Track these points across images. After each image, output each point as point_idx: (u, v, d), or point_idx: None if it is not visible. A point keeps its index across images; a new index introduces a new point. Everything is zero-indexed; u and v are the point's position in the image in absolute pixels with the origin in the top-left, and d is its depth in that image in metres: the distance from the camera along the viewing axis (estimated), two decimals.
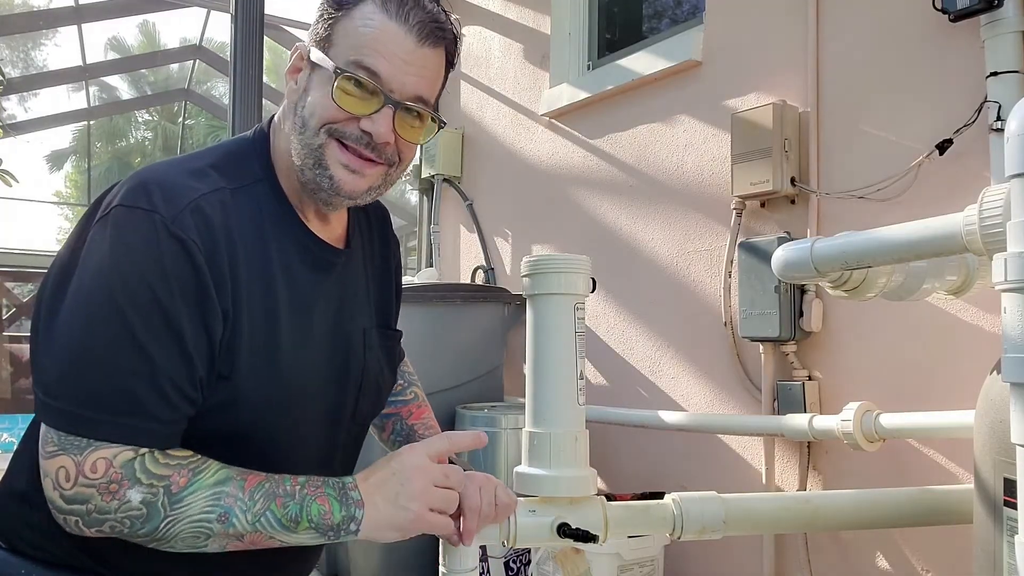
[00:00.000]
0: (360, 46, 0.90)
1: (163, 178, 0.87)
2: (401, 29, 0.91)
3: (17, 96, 12.57)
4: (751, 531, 1.94)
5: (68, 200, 20.12)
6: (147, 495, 0.80)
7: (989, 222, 1.09)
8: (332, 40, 0.92)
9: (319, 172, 0.92)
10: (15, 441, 7.04)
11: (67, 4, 5.84)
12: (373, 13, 0.91)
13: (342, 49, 0.91)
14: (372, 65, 0.90)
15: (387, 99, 0.91)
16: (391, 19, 0.90)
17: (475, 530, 1.01)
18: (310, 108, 0.92)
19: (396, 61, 0.91)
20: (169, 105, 17.10)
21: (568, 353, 1.18)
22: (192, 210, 0.85)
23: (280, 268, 0.93)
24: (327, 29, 0.93)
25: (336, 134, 0.92)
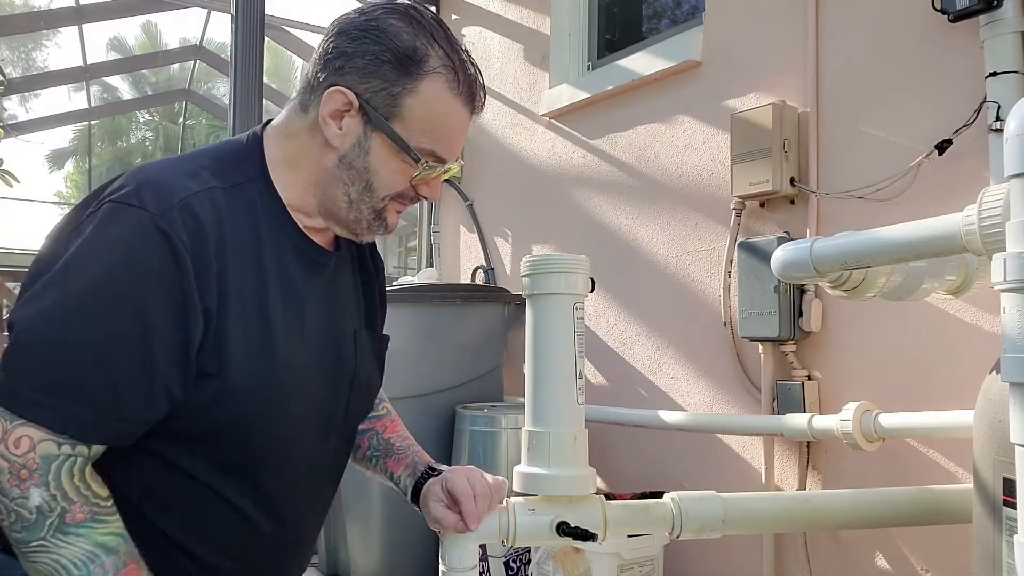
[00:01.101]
0: (435, 135, 0.93)
1: (156, 176, 0.87)
2: (465, 109, 0.95)
3: (18, 96, 12.57)
4: (750, 530, 1.94)
5: (69, 200, 20.12)
6: (45, 504, 0.79)
7: (988, 222, 1.09)
8: (402, 114, 0.92)
9: (376, 225, 0.98)
10: None
11: (68, 4, 5.84)
12: (445, 94, 0.92)
13: (415, 130, 0.92)
14: (443, 153, 0.95)
15: (444, 170, 0.98)
16: (459, 100, 0.94)
17: (475, 511, 1.04)
18: (380, 179, 0.94)
19: (459, 142, 0.97)
20: (170, 105, 17.10)
21: (568, 353, 1.18)
22: (181, 208, 0.84)
23: (273, 264, 0.93)
24: (393, 98, 0.91)
25: (397, 197, 0.97)
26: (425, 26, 0.92)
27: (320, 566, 2.92)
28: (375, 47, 0.90)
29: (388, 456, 1.18)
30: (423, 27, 0.92)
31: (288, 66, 15.81)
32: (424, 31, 0.91)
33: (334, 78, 0.91)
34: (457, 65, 0.93)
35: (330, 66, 0.92)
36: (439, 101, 0.92)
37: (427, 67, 0.91)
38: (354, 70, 0.90)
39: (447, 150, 0.95)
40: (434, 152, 0.94)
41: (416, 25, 0.91)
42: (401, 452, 1.18)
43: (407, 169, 0.94)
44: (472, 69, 0.95)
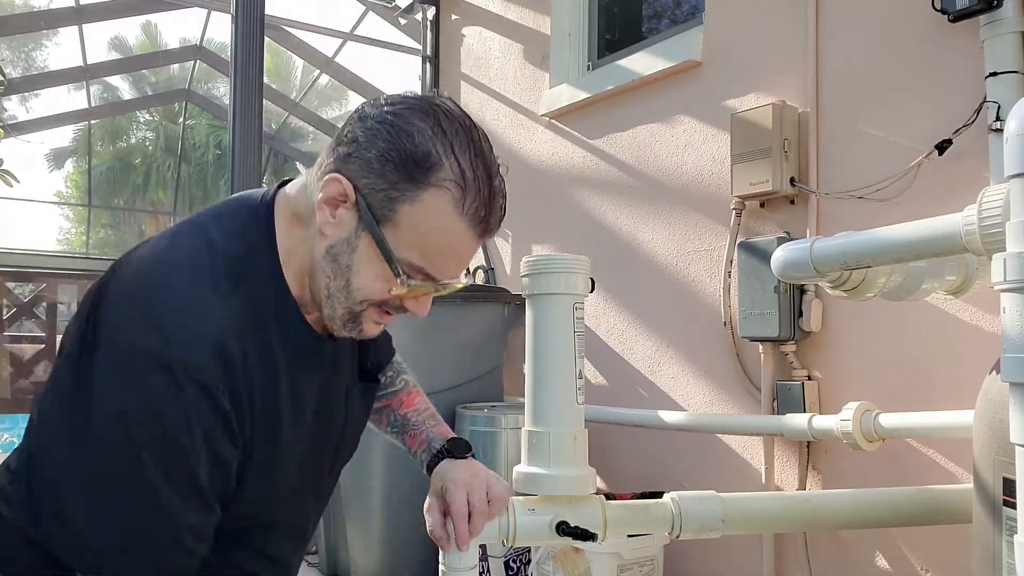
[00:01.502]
0: (425, 251, 0.84)
1: (174, 304, 0.81)
2: (471, 232, 0.85)
3: (18, 96, 12.57)
4: (750, 530, 1.94)
5: (68, 200, 20.12)
6: None
7: (988, 222, 1.09)
8: (395, 220, 0.83)
9: (348, 326, 0.90)
10: (15, 441, 7.02)
11: (68, 4, 5.84)
12: (447, 211, 0.83)
13: (406, 241, 0.83)
14: (435, 273, 0.86)
15: (436, 288, 0.89)
16: (464, 221, 0.84)
17: (466, 533, 1.01)
18: (360, 281, 0.86)
19: (458, 264, 0.88)
20: (170, 105, 17.10)
21: (567, 353, 1.18)
22: (214, 353, 0.80)
23: (284, 376, 0.90)
24: (390, 201, 0.82)
25: (379, 304, 0.89)
26: (448, 131, 0.84)
27: (320, 566, 2.92)
28: (385, 144, 0.82)
29: (405, 432, 1.17)
30: (446, 132, 0.83)
31: (288, 66, 15.81)
32: (445, 137, 0.83)
33: (339, 164, 0.85)
34: (470, 182, 0.83)
35: (340, 150, 0.86)
36: (438, 217, 0.83)
37: (433, 178, 0.82)
38: (359, 161, 0.84)
39: (439, 270, 0.86)
40: (422, 269, 0.85)
41: (439, 128, 0.83)
42: (416, 428, 1.16)
43: (390, 278, 0.85)
44: (489, 190, 0.85)
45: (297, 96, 11.21)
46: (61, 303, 3.71)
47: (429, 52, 4.14)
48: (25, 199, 15.39)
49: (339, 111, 17.70)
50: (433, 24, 4.14)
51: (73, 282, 3.68)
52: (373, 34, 4.94)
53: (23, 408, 3.81)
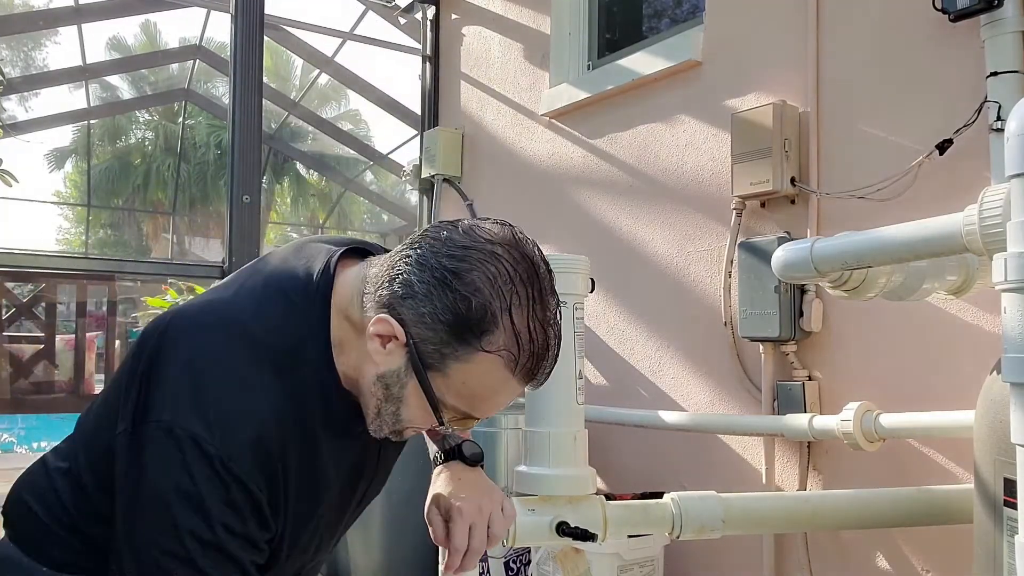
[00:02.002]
0: (473, 403, 0.87)
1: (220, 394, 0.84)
2: (519, 386, 0.86)
3: (17, 96, 12.57)
4: (750, 531, 1.94)
5: (68, 200, 20.12)
6: None
7: (989, 222, 1.09)
8: (445, 372, 0.84)
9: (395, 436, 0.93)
10: (15, 441, 7.01)
11: (67, 4, 5.84)
12: (498, 372, 0.83)
13: (452, 391, 0.85)
14: (479, 414, 0.89)
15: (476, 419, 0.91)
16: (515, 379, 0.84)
17: (456, 567, 1.01)
18: (408, 414, 0.88)
19: (500, 407, 0.90)
20: (169, 105, 17.10)
21: (567, 353, 1.18)
22: (252, 446, 0.83)
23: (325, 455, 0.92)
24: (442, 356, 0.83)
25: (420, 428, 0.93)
26: (506, 288, 0.81)
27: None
28: (440, 303, 0.81)
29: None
30: (503, 290, 0.81)
31: (288, 66, 15.81)
32: (503, 297, 0.81)
33: (393, 302, 0.84)
34: (524, 344, 0.82)
35: (395, 285, 0.84)
36: (489, 377, 0.84)
37: (487, 343, 0.81)
38: (413, 312, 0.83)
39: (483, 412, 0.89)
40: (468, 414, 0.88)
41: (497, 286, 0.81)
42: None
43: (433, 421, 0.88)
44: (543, 348, 0.84)
45: (297, 96, 11.22)
46: (60, 303, 3.72)
47: (429, 52, 4.14)
48: (24, 199, 15.39)
49: (339, 110, 17.71)
50: (433, 24, 4.14)
51: (72, 282, 3.68)
52: (373, 34, 4.93)
53: (23, 408, 3.81)
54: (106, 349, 3.79)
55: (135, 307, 9.76)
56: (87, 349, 3.67)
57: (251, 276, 0.96)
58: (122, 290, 5.88)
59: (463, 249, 0.83)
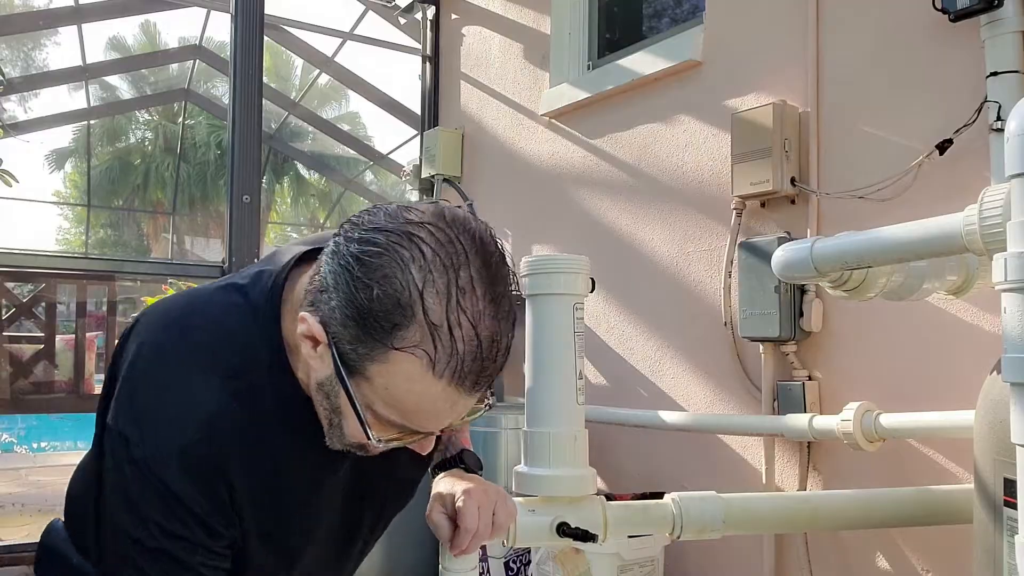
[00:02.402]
0: (403, 412, 0.74)
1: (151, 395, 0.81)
2: (453, 392, 0.72)
3: (17, 96, 12.57)
4: (750, 531, 1.94)
5: (68, 200, 20.12)
6: None
7: (989, 222, 1.09)
8: (367, 376, 0.73)
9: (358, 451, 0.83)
10: (15, 441, 6.99)
11: (67, 4, 5.83)
12: (419, 375, 0.71)
13: (379, 398, 0.74)
14: (417, 427, 0.77)
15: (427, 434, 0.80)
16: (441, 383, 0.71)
17: (465, 547, 1.00)
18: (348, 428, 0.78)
19: (443, 419, 0.76)
20: (169, 105, 17.11)
21: (567, 353, 1.18)
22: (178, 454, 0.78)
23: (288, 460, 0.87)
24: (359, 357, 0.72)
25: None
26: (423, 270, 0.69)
27: None
28: (344, 295, 0.71)
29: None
30: (420, 272, 0.69)
31: (288, 66, 15.81)
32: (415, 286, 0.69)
33: (315, 298, 0.76)
34: (444, 341, 0.69)
35: (315, 279, 0.77)
36: (409, 380, 0.71)
37: (396, 340, 0.69)
38: (326, 307, 0.74)
39: (420, 423, 0.76)
40: (404, 427, 0.76)
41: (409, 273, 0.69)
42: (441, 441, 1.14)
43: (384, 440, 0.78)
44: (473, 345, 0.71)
45: (297, 96, 11.22)
46: (60, 303, 3.72)
47: (429, 52, 4.14)
48: (24, 199, 15.40)
49: (339, 111, 17.71)
50: (433, 24, 4.14)
51: (72, 282, 3.67)
52: (373, 34, 4.93)
53: (23, 408, 3.81)
54: (106, 349, 3.78)
55: (135, 307, 9.76)
56: (87, 349, 3.67)
57: (227, 278, 0.92)
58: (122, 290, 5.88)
59: (375, 232, 0.72)
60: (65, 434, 7.73)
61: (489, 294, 0.73)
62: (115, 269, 4.67)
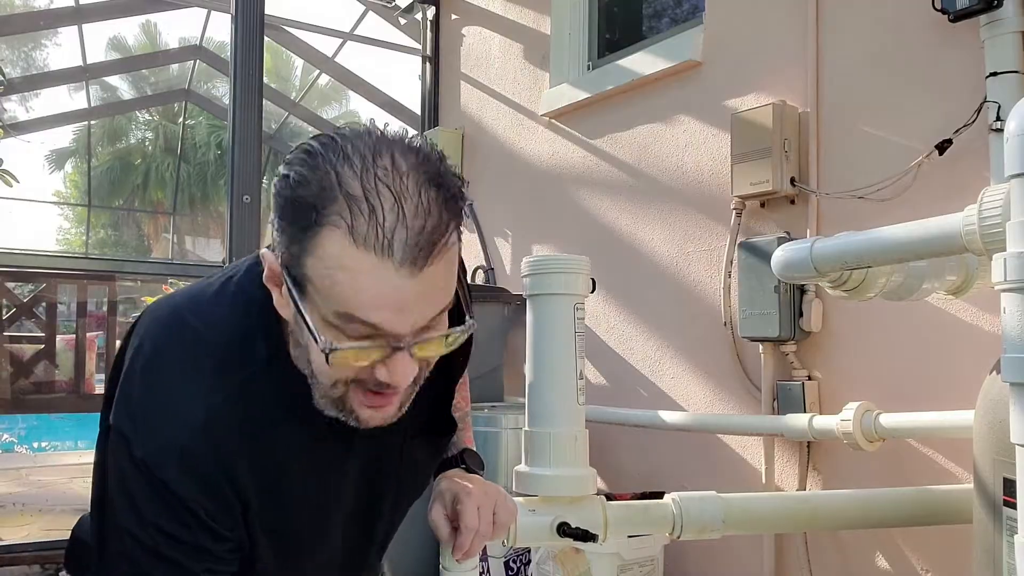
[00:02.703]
0: (343, 300, 0.69)
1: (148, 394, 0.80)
2: (382, 264, 0.68)
3: (18, 96, 12.57)
4: (750, 531, 1.94)
5: (68, 200, 20.12)
6: None
7: (989, 222, 1.09)
8: (309, 278, 0.70)
9: (344, 414, 0.79)
10: (15, 441, 6.98)
11: (67, 4, 5.83)
12: (345, 250, 0.67)
13: (323, 297, 0.70)
14: (365, 319, 0.70)
15: (394, 346, 0.72)
16: (366, 252, 0.67)
17: (467, 548, 0.99)
18: (318, 364, 0.75)
19: (392, 306, 0.70)
20: (169, 105, 17.10)
21: (568, 353, 1.18)
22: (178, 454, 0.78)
23: (294, 455, 0.86)
24: (297, 260, 0.70)
25: (357, 383, 0.77)
26: (338, 155, 0.69)
27: None
28: (279, 200, 0.72)
29: None
30: (336, 157, 0.69)
31: (288, 66, 15.80)
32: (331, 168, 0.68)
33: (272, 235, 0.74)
34: (360, 206, 0.67)
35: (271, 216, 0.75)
36: (335, 258, 0.68)
37: (319, 217, 0.68)
38: (274, 231, 0.73)
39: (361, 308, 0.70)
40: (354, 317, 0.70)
41: (327, 158, 0.69)
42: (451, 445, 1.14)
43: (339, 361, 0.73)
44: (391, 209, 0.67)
45: (297, 96, 11.22)
46: (60, 303, 3.72)
47: (429, 52, 4.14)
48: (25, 199, 15.40)
49: (339, 111, 17.70)
50: (433, 24, 4.14)
51: (73, 282, 3.68)
52: (373, 34, 4.93)
53: (23, 408, 3.81)
54: (106, 349, 3.79)
55: (135, 307, 9.77)
56: (87, 349, 3.67)
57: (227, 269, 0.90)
58: (122, 290, 5.89)
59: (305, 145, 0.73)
60: (65, 434, 7.73)
61: (416, 171, 0.70)
62: (115, 269, 4.67)
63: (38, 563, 2.97)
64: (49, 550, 2.99)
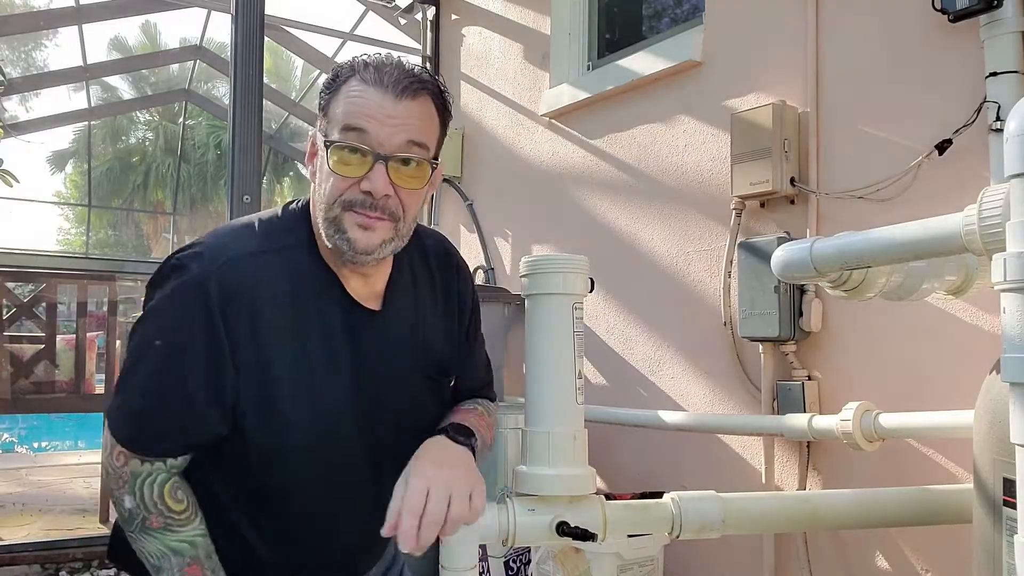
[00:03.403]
0: (346, 114, 1.01)
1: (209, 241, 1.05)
2: (379, 90, 1.00)
3: (18, 96, 12.57)
4: (750, 531, 1.94)
5: (68, 200, 20.12)
6: (133, 508, 1.02)
7: (988, 222, 1.09)
8: (327, 117, 1.04)
9: (339, 237, 1.02)
10: (16, 441, 6.98)
11: (68, 4, 5.84)
12: (356, 85, 1.02)
13: (334, 122, 1.02)
14: (357, 125, 1.00)
15: (377, 156, 1.00)
16: (369, 84, 1.01)
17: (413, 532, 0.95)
18: (323, 185, 1.03)
19: (379, 117, 1.00)
20: (169, 105, 17.10)
21: (567, 352, 1.18)
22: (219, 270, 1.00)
23: (316, 323, 1.05)
24: (323, 110, 1.05)
25: (347, 205, 1.02)
26: (357, 59, 1.05)
27: None
28: (322, 91, 1.06)
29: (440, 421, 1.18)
30: (354, 60, 1.05)
31: (288, 66, 15.79)
32: (355, 60, 1.05)
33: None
34: (369, 62, 1.03)
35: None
36: (348, 93, 1.02)
37: (343, 79, 1.03)
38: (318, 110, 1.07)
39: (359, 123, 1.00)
40: (347, 125, 1.00)
41: (350, 62, 1.05)
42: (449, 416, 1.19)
43: (336, 163, 1.00)
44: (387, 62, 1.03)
45: (297, 96, 11.21)
46: (61, 303, 3.72)
47: (429, 52, 4.14)
48: (25, 199, 15.40)
49: None
50: (433, 24, 4.14)
51: (73, 282, 3.68)
52: (373, 34, 4.94)
53: (23, 408, 3.81)
54: (106, 349, 3.78)
55: (135, 307, 9.76)
56: (88, 349, 3.66)
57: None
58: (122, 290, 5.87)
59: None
60: (66, 434, 7.73)
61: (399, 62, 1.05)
62: (116, 269, 4.67)
63: (38, 563, 2.97)
64: (49, 550, 2.99)
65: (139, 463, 1.01)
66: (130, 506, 1.02)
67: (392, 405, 1.12)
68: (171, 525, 1.02)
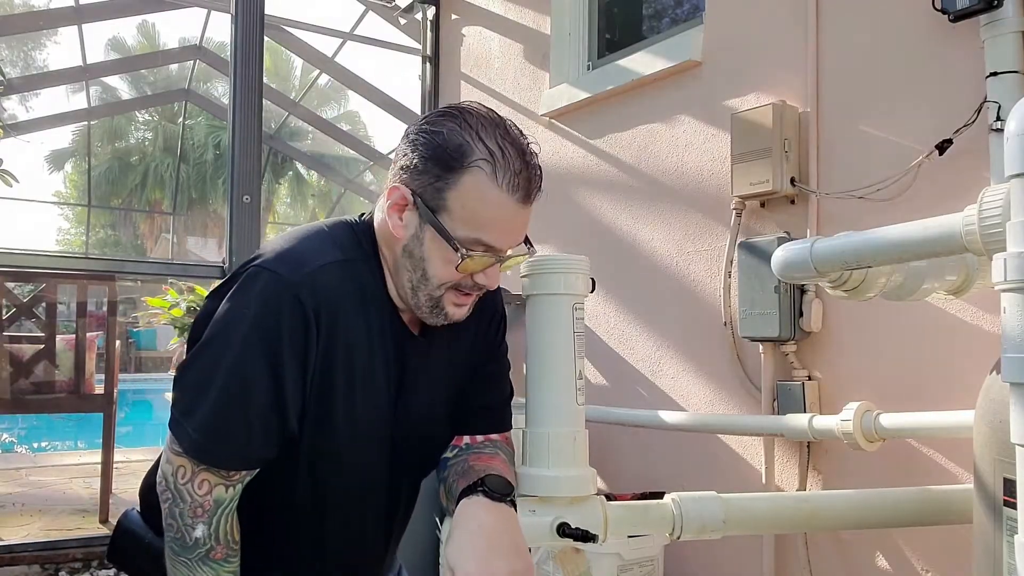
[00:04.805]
0: (478, 224, 0.99)
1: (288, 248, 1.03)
2: (511, 200, 0.99)
3: (18, 96, 12.57)
4: (750, 531, 1.94)
5: (68, 200, 20.12)
6: (202, 538, 0.98)
7: (989, 222, 1.09)
8: (447, 207, 0.99)
9: (435, 312, 1.05)
10: (15, 441, 6.95)
11: (67, 4, 5.84)
12: (485, 186, 0.98)
13: (459, 220, 0.99)
14: (491, 242, 1.00)
15: (498, 258, 1.03)
16: (502, 191, 0.98)
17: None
18: (433, 269, 1.02)
19: (511, 228, 1.02)
20: (169, 105, 17.11)
21: (567, 353, 1.18)
22: (311, 276, 0.99)
23: (371, 334, 1.05)
24: (438, 192, 0.99)
25: (454, 287, 1.04)
26: (474, 124, 1.00)
27: None
28: (423, 148, 1.00)
29: (461, 476, 1.10)
30: (472, 125, 0.99)
31: (288, 66, 15.80)
32: (471, 129, 0.99)
33: (395, 178, 1.03)
34: (499, 158, 0.98)
35: (394, 167, 1.04)
36: (478, 192, 0.97)
37: (467, 161, 0.97)
38: (410, 169, 1.01)
39: (495, 239, 1.00)
40: (480, 240, 0.99)
41: (465, 124, 1.00)
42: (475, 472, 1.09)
43: (455, 259, 0.99)
44: (518, 160, 0.99)
45: (297, 96, 11.22)
46: (60, 303, 3.71)
47: (429, 52, 4.14)
48: (25, 199, 15.41)
49: (339, 111, 17.71)
50: (433, 24, 4.14)
51: (72, 282, 3.67)
52: (373, 34, 4.94)
53: (23, 408, 3.80)
54: (106, 349, 3.78)
55: (135, 307, 9.75)
56: (87, 349, 3.66)
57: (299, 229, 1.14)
58: (122, 290, 5.87)
59: (433, 112, 1.04)
60: (65, 434, 7.73)
61: (519, 135, 1.03)
62: (115, 269, 4.66)
63: (38, 563, 2.97)
64: (49, 550, 2.99)
65: (224, 489, 0.99)
66: (199, 535, 0.98)
67: (419, 430, 1.13)
68: (230, 556, 1.01)
